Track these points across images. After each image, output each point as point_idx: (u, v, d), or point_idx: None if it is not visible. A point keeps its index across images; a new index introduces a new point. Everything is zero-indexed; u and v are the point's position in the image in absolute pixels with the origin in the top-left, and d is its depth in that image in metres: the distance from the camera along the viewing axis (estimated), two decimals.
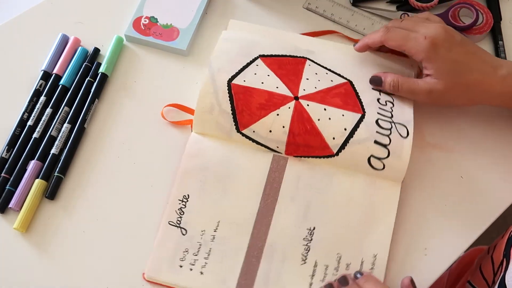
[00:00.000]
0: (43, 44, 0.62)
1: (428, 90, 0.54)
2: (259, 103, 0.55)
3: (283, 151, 0.55)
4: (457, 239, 0.54)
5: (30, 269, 0.51)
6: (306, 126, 0.54)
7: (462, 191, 0.56)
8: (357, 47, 0.60)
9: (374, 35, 0.57)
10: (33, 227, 0.53)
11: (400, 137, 0.54)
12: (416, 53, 0.54)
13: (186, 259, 0.51)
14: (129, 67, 0.62)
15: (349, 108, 0.56)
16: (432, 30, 0.54)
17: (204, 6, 0.65)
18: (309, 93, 0.56)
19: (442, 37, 0.53)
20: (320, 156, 0.54)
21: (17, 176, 0.54)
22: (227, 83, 0.56)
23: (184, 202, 0.53)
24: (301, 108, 0.55)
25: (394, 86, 0.56)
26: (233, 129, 0.55)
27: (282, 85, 0.56)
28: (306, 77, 0.58)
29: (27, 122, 0.57)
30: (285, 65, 0.59)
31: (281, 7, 0.67)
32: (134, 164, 0.56)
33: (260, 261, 0.51)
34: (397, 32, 0.55)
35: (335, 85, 0.58)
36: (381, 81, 0.57)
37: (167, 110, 0.59)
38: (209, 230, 0.52)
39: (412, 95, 0.56)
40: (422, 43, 0.53)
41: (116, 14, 0.65)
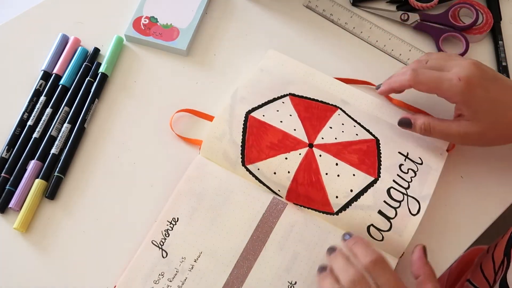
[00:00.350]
0: (43, 44, 0.62)
1: (464, 133, 0.51)
2: (270, 142, 0.54)
3: (284, 195, 0.53)
4: (457, 239, 0.54)
5: (30, 269, 0.51)
6: (311, 177, 0.52)
7: (462, 191, 0.56)
8: (381, 91, 0.57)
9: (401, 78, 0.53)
10: (33, 227, 0.53)
11: (408, 214, 0.51)
12: (451, 96, 0.50)
13: (160, 283, 0.50)
14: (129, 67, 0.62)
15: (363, 168, 0.53)
16: (465, 69, 0.50)
17: (204, 6, 0.65)
18: (326, 142, 0.54)
19: (477, 76, 0.49)
20: (319, 210, 0.52)
21: (17, 176, 0.54)
22: (245, 114, 0.55)
23: (172, 224, 0.52)
24: (312, 158, 0.53)
25: (425, 129, 0.53)
26: (239, 161, 0.53)
27: (301, 128, 0.55)
28: (330, 125, 0.56)
29: (27, 122, 0.57)
30: (312, 108, 0.57)
31: (281, 7, 0.67)
32: (134, 164, 0.56)
33: None
34: (427, 75, 0.51)
35: (359, 140, 0.55)
36: (410, 123, 0.54)
37: (175, 115, 0.59)
38: (189, 259, 0.51)
39: (446, 138, 0.53)
40: (457, 85, 0.49)
41: (116, 14, 0.65)
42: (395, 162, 0.54)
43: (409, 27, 0.66)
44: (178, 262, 0.50)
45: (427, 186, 0.53)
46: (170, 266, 0.50)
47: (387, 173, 0.53)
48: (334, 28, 0.66)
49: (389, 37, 0.65)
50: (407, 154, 0.55)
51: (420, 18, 0.65)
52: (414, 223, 0.51)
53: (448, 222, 0.55)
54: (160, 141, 0.57)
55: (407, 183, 0.53)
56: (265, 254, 0.51)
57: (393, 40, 0.65)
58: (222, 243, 0.51)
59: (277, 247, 0.51)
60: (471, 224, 0.55)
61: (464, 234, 0.54)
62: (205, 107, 0.59)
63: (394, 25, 0.67)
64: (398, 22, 0.66)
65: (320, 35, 0.65)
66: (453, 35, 0.65)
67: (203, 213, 0.52)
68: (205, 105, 0.60)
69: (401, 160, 0.55)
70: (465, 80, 0.49)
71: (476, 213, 0.55)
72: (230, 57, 0.63)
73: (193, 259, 0.51)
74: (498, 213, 0.56)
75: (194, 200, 0.53)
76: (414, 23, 0.66)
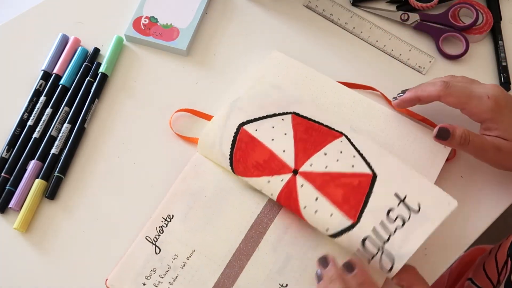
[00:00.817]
0: (43, 44, 0.62)
1: (498, 147, 0.50)
2: (256, 161, 0.52)
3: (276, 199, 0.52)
4: (457, 239, 0.54)
5: (30, 269, 0.51)
6: (291, 205, 0.51)
7: (462, 191, 0.56)
8: (404, 98, 0.54)
9: (430, 88, 0.52)
10: (33, 227, 0.53)
11: (378, 268, 0.48)
12: (479, 113, 0.51)
13: (151, 279, 0.50)
14: (129, 67, 0.62)
15: (344, 208, 0.49)
16: (491, 89, 0.51)
17: (204, 6, 0.65)
18: (313, 171, 0.51)
19: (503, 96, 0.51)
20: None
21: (17, 176, 0.54)
22: (238, 126, 0.53)
23: (166, 221, 0.52)
24: (293, 187, 0.50)
25: (465, 139, 0.50)
26: (230, 170, 0.53)
27: (291, 150, 0.52)
28: (324, 152, 0.52)
29: (27, 122, 0.57)
30: (313, 131, 0.53)
31: (281, 7, 0.67)
32: (134, 164, 0.56)
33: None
34: (458, 88, 0.51)
35: (352, 173, 0.51)
36: (449, 134, 0.51)
37: (175, 114, 0.59)
38: (182, 256, 0.51)
39: (481, 151, 0.51)
40: (487, 102, 0.50)
41: (116, 14, 0.65)
42: (383, 206, 0.49)
43: (409, 27, 0.66)
44: (170, 258, 0.51)
45: (411, 242, 0.47)
46: (163, 263, 0.51)
47: (370, 218, 0.48)
48: (334, 28, 0.66)
49: (389, 37, 0.65)
50: (404, 198, 0.50)
51: (420, 18, 0.65)
52: (383, 277, 0.50)
53: (448, 222, 0.55)
54: (160, 141, 0.57)
55: (387, 235, 0.48)
56: (258, 255, 0.51)
57: (393, 40, 0.65)
58: (216, 242, 0.51)
59: (270, 248, 0.51)
60: (471, 224, 0.55)
61: (464, 234, 0.54)
62: (205, 107, 0.59)
63: (394, 25, 0.67)
64: (398, 22, 0.66)
65: (320, 35, 0.65)
66: (453, 35, 0.65)
67: (198, 211, 0.52)
68: (205, 105, 0.60)
69: (393, 204, 0.49)
70: (494, 99, 0.50)
71: (476, 213, 0.55)
72: (230, 57, 0.63)
73: (186, 256, 0.51)
74: (498, 213, 0.56)
75: (190, 198, 0.53)
76: (414, 23, 0.66)
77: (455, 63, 0.64)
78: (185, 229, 0.52)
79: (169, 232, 0.52)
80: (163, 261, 0.51)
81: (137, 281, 0.50)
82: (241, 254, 0.51)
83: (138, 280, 0.50)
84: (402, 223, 0.48)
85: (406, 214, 0.49)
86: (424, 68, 0.63)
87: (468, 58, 0.64)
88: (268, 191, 0.52)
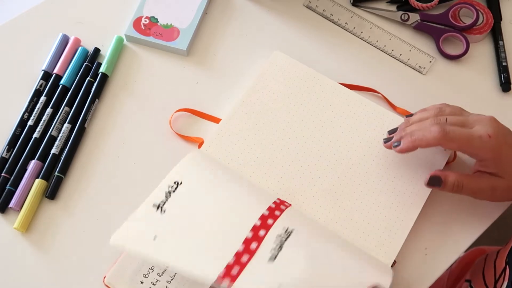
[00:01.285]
0: (43, 44, 0.62)
1: (493, 187, 0.50)
2: None
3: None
4: (457, 239, 0.54)
5: (30, 269, 0.51)
6: None
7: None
8: (402, 148, 0.51)
9: (428, 137, 0.50)
10: (33, 227, 0.53)
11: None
12: (481, 153, 0.50)
13: (149, 277, 0.50)
14: (129, 67, 0.62)
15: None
16: (490, 125, 0.50)
17: (204, 6, 0.65)
18: None
19: (502, 132, 0.50)
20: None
21: (17, 176, 0.54)
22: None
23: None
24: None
25: (457, 186, 0.50)
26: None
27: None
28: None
29: (27, 122, 0.57)
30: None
31: (281, 7, 0.67)
32: (134, 164, 0.56)
33: None
34: (457, 133, 0.49)
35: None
36: (441, 182, 0.51)
37: (175, 114, 0.59)
38: None
39: (476, 194, 0.51)
40: (488, 142, 0.49)
41: (116, 14, 0.65)
42: None
43: (409, 27, 0.66)
44: None
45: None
46: None
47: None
48: (334, 28, 0.66)
49: (389, 37, 0.65)
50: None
51: (420, 18, 0.65)
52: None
53: (448, 222, 0.55)
54: (160, 141, 0.57)
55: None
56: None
57: (394, 40, 0.65)
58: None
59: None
60: (471, 224, 0.55)
61: (464, 234, 0.54)
62: (205, 107, 0.59)
63: (394, 25, 0.67)
64: (398, 22, 0.66)
65: (320, 35, 0.65)
66: (453, 35, 0.65)
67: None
68: (205, 105, 0.60)
69: None
70: (495, 137, 0.49)
71: (476, 213, 0.55)
72: (230, 57, 0.63)
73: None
74: (498, 214, 0.56)
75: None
76: (415, 23, 0.66)
77: (455, 63, 0.64)
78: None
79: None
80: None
81: (135, 279, 0.50)
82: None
83: (136, 278, 0.50)
84: None
85: None
86: (424, 68, 0.63)
87: (468, 58, 0.64)
88: None
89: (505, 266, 0.58)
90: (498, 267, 0.60)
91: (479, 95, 0.62)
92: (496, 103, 0.61)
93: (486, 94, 0.61)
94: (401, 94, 0.58)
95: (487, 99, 0.62)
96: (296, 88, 0.59)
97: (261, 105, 0.58)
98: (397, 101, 0.60)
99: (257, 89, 0.59)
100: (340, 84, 0.60)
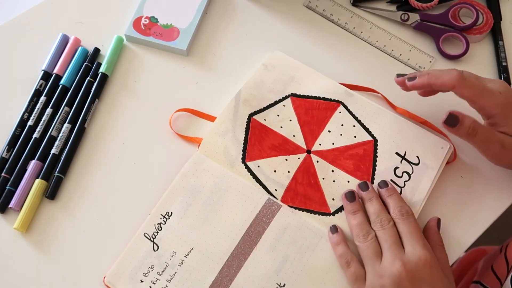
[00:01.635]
0: (43, 44, 0.62)
1: (502, 143, 0.51)
2: (272, 143, 0.56)
3: (280, 196, 0.53)
4: (457, 239, 0.54)
5: (30, 269, 0.51)
6: (310, 179, 0.54)
7: (462, 191, 0.56)
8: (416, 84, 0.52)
9: (444, 77, 0.50)
10: (33, 227, 0.53)
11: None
12: (490, 107, 0.50)
13: (149, 276, 0.50)
14: (129, 67, 0.62)
15: (358, 175, 0.55)
16: (501, 85, 0.51)
17: (204, 6, 0.65)
18: (323, 149, 0.56)
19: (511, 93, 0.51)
20: (316, 211, 0.53)
21: (17, 176, 0.54)
22: (248, 115, 0.57)
23: (165, 218, 0.52)
24: (310, 163, 0.55)
25: (473, 129, 0.50)
26: (239, 158, 0.55)
27: (300, 134, 0.56)
28: (328, 129, 0.57)
29: (27, 122, 0.57)
30: (313, 110, 0.58)
31: (281, 7, 0.67)
32: (134, 164, 0.56)
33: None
34: (473, 81, 0.50)
35: (356, 143, 0.56)
36: (458, 121, 0.50)
37: (174, 114, 0.59)
38: (180, 254, 0.51)
39: (486, 144, 0.52)
40: (498, 97, 0.50)
41: (116, 14, 0.65)
42: (390, 166, 0.55)
43: (409, 27, 0.66)
44: (168, 256, 0.51)
45: (419, 191, 0.54)
46: (161, 260, 0.51)
47: (381, 177, 0.55)
48: (334, 28, 0.66)
49: (389, 37, 0.65)
50: (404, 154, 0.56)
51: (420, 18, 0.65)
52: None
53: (448, 222, 0.55)
54: (160, 141, 0.57)
55: (399, 189, 0.54)
56: (256, 254, 0.51)
57: (393, 40, 0.65)
58: (214, 240, 0.51)
59: (268, 248, 0.51)
60: (471, 224, 0.55)
61: (464, 234, 0.54)
62: (205, 107, 0.59)
63: (394, 25, 0.67)
64: (398, 22, 0.67)
65: (320, 35, 0.65)
66: (453, 35, 0.65)
67: (197, 209, 0.53)
68: (205, 105, 0.60)
69: (397, 163, 0.55)
70: (505, 95, 0.50)
71: (476, 213, 0.55)
72: (230, 57, 0.63)
73: (184, 254, 0.51)
74: (498, 213, 0.56)
75: (189, 196, 0.53)
76: (414, 23, 0.66)
77: (455, 63, 0.64)
78: (184, 227, 0.52)
79: (167, 229, 0.52)
80: (161, 258, 0.51)
81: (134, 278, 0.50)
82: (239, 253, 0.51)
83: (135, 277, 0.50)
84: (408, 177, 0.55)
85: (409, 169, 0.55)
86: (424, 68, 0.63)
87: (468, 58, 0.64)
88: (285, 168, 0.55)
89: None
90: (510, 258, 0.60)
91: None
92: None
93: None
94: (401, 94, 0.58)
95: None
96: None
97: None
98: (398, 101, 0.60)
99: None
100: (341, 84, 0.60)
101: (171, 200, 0.53)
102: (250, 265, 0.51)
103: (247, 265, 0.51)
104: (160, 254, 0.51)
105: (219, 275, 0.50)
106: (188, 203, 0.53)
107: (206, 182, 0.54)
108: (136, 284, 0.50)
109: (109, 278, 0.50)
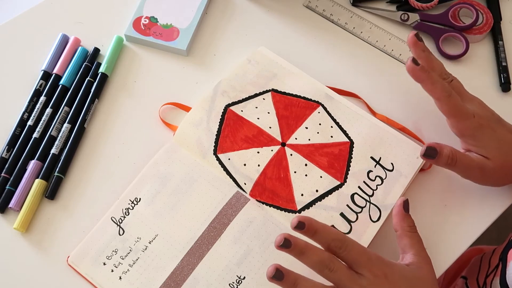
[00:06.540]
0: (43, 44, 0.62)
1: (481, 167, 0.51)
2: (245, 135, 0.56)
3: (248, 190, 0.54)
4: (457, 239, 0.54)
5: (30, 269, 0.51)
6: (280, 173, 0.54)
7: (462, 191, 0.56)
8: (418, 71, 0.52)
9: (438, 85, 0.51)
10: (33, 227, 0.53)
11: (368, 219, 0.53)
12: (463, 129, 0.52)
13: (112, 259, 0.51)
14: (129, 67, 0.62)
15: (332, 172, 0.55)
16: (478, 107, 0.53)
17: (204, 6, 0.65)
18: (299, 143, 0.56)
19: (486, 115, 0.52)
20: (282, 208, 0.53)
21: (17, 176, 0.54)
22: (225, 106, 0.57)
23: (133, 204, 0.53)
24: (283, 155, 0.55)
25: (452, 159, 0.51)
26: (211, 150, 0.55)
27: (277, 127, 0.56)
28: (306, 126, 0.57)
29: (27, 122, 0.57)
30: (292, 106, 0.58)
31: (281, 7, 0.67)
32: (134, 164, 0.56)
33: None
34: (456, 100, 0.51)
35: (332, 143, 0.56)
36: (436, 153, 0.51)
37: (167, 108, 0.59)
38: (144, 240, 0.51)
39: (467, 171, 0.52)
40: (471, 121, 0.51)
41: (116, 14, 0.65)
42: (364, 168, 0.55)
43: (409, 27, 0.66)
44: (133, 241, 0.51)
45: (391, 196, 0.54)
46: (125, 244, 0.51)
47: (354, 179, 0.54)
48: (334, 28, 0.66)
49: (389, 37, 0.65)
50: (379, 160, 0.56)
51: (420, 18, 0.65)
52: (373, 230, 0.52)
53: (447, 222, 0.55)
54: (160, 141, 0.57)
55: (371, 191, 0.54)
56: (219, 245, 0.51)
57: (393, 40, 0.65)
58: (179, 229, 0.52)
59: (232, 240, 0.52)
60: (471, 224, 0.55)
61: (464, 234, 0.54)
62: None
63: (394, 25, 0.67)
64: (398, 22, 0.67)
65: (320, 35, 0.65)
66: (453, 35, 0.65)
67: (165, 197, 0.53)
68: None
69: (371, 166, 0.55)
70: (478, 118, 0.51)
71: (476, 213, 0.55)
72: (230, 57, 0.63)
73: (148, 240, 0.51)
74: (498, 213, 0.56)
75: (159, 183, 0.54)
76: (414, 23, 0.66)
77: (455, 63, 0.64)
78: (151, 214, 0.52)
79: (134, 215, 0.52)
80: (125, 242, 0.51)
81: (98, 260, 0.51)
82: (203, 243, 0.51)
83: (99, 259, 0.51)
84: (381, 181, 0.55)
85: (382, 173, 0.55)
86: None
87: (468, 58, 0.64)
88: (256, 161, 0.55)
89: (498, 262, 0.58)
90: (492, 264, 0.61)
91: (478, 95, 0.62)
92: (495, 103, 0.61)
93: (485, 94, 0.60)
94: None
95: (486, 99, 0.61)
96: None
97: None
98: (380, 106, 0.60)
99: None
100: (328, 87, 0.60)
101: (140, 186, 0.54)
102: (212, 255, 0.51)
103: (209, 255, 0.51)
104: (125, 239, 0.51)
105: (181, 263, 0.51)
106: (157, 190, 0.53)
107: (176, 171, 0.54)
108: (99, 266, 0.50)
109: (72, 258, 0.51)
